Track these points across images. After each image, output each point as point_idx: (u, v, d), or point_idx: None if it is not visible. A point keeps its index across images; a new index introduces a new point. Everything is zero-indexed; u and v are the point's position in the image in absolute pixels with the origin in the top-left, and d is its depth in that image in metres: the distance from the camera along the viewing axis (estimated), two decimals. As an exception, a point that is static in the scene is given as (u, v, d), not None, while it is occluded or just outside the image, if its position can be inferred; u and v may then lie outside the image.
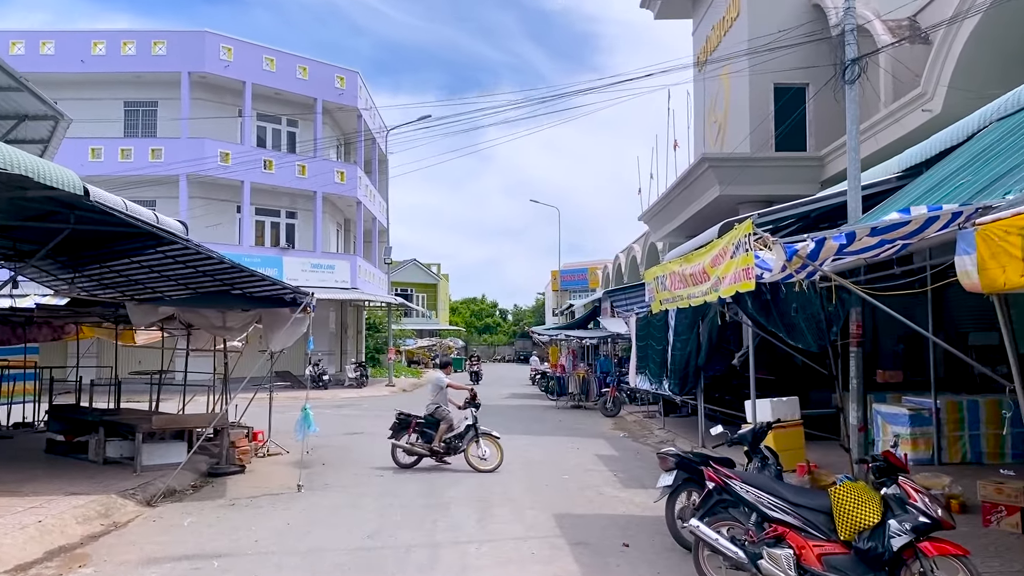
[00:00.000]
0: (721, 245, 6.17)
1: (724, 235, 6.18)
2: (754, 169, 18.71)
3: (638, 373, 18.44)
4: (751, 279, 5.47)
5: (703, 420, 14.08)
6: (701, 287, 6.80)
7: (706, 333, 13.29)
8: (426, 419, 12.30)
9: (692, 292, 7.13)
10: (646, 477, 11.22)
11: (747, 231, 5.49)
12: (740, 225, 5.73)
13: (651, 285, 8.81)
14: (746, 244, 5.51)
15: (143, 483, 10.22)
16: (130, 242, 12.23)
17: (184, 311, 11.94)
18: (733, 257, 5.83)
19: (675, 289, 7.70)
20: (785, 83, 20.68)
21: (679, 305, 7.66)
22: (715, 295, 6.39)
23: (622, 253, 41.05)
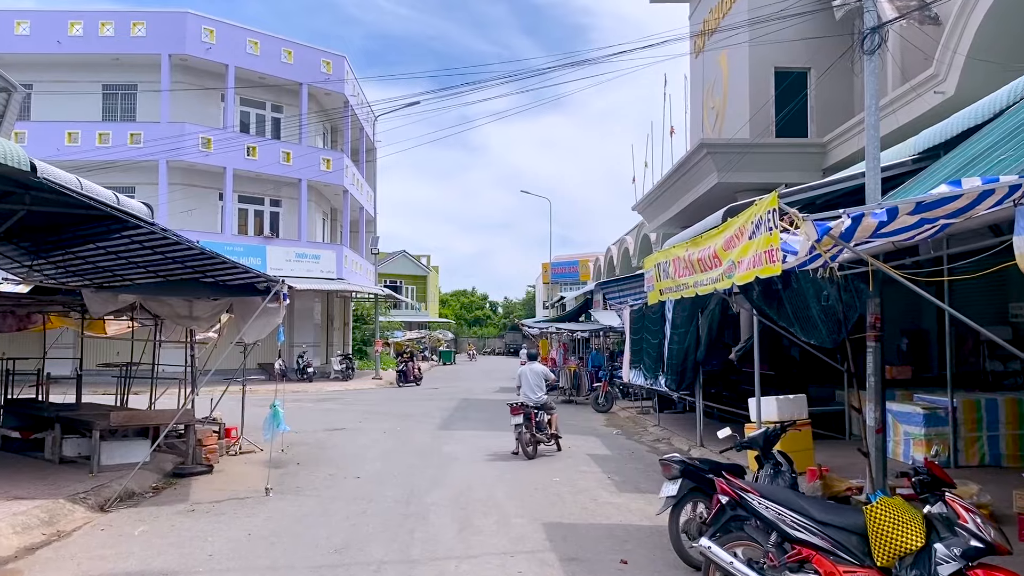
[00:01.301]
0: (737, 224, 5.38)
1: (740, 214, 5.39)
2: (754, 156, 17.94)
3: (632, 367, 17.70)
4: (776, 263, 4.68)
5: (701, 417, 13.34)
6: (711, 273, 6.01)
7: (706, 326, 12.55)
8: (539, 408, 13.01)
9: (700, 280, 6.34)
10: (642, 480, 10.48)
11: (771, 206, 4.70)
12: (761, 200, 4.94)
13: (650, 273, 8.01)
14: (769, 222, 4.72)
15: (98, 485, 9.41)
16: (93, 226, 11.39)
17: (147, 299, 11.10)
18: (752, 238, 5.04)
19: (679, 276, 6.91)
20: (786, 67, 19.93)
21: (684, 295, 6.87)
22: (728, 282, 5.60)
23: (614, 245, 40.33)
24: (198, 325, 11.70)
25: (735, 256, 5.44)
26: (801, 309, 8.43)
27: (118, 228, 11.07)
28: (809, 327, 8.48)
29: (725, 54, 22.16)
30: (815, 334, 8.51)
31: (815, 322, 8.43)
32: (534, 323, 33.25)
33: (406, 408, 20.97)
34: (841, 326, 8.35)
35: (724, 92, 22.09)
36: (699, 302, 12.49)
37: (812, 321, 8.44)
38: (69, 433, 11.17)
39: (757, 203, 5.04)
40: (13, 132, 28.12)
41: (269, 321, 11.74)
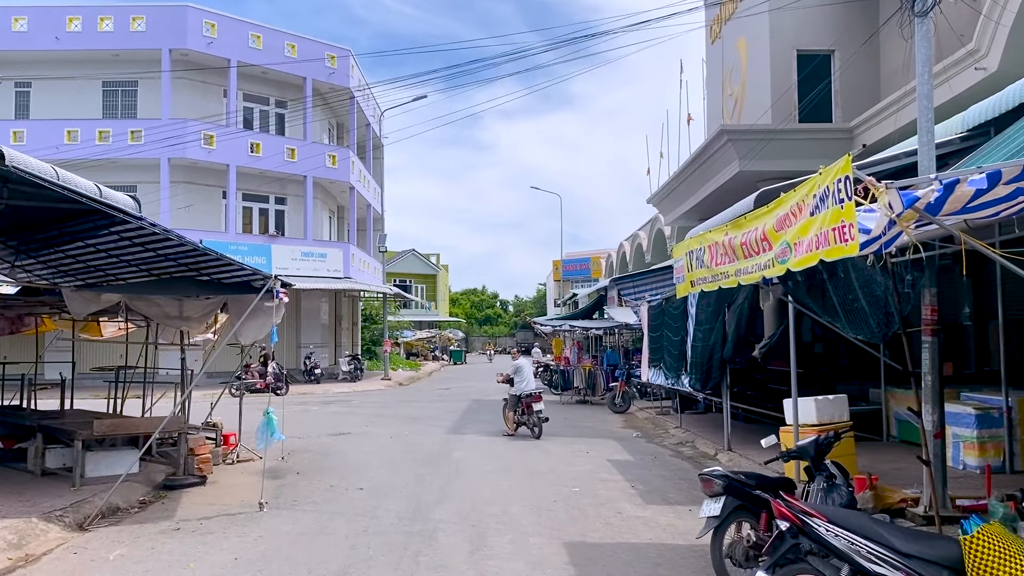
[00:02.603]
0: (793, 200, 4.55)
1: (796, 188, 4.56)
2: (777, 143, 17.06)
3: (651, 366, 16.86)
4: (850, 242, 3.83)
5: (729, 419, 12.48)
6: (758, 259, 5.19)
7: (733, 322, 11.68)
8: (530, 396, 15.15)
9: (744, 267, 5.52)
10: (670, 489, 9.65)
11: (842, 173, 3.87)
12: (827, 169, 4.11)
13: (681, 262, 7.19)
14: (840, 193, 3.89)
15: (79, 501, 8.66)
16: (80, 222, 10.68)
17: (132, 299, 10.35)
18: (815, 214, 4.21)
19: (717, 265, 6.09)
20: (809, 50, 19.06)
21: (723, 285, 6.06)
22: (780, 268, 4.78)
23: (626, 241, 39.44)
24: (189, 326, 10.95)
25: (791, 237, 4.61)
26: (848, 301, 7.57)
27: (105, 224, 10.37)
28: (857, 320, 7.62)
29: (743, 39, 21.28)
30: (863, 328, 7.65)
31: (863, 315, 7.57)
32: (546, 321, 32.38)
33: (415, 410, 20.19)
34: (892, 319, 7.49)
35: (743, 78, 21.20)
36: (725, 296, 11.65)
37: (860, 314, 7.58)
38: (52, 443, 10.43)
39: (822, 171, 4.20)
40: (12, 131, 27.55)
41: (267, 321, 10.98)
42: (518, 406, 15.08)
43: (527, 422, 14.99)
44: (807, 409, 9.60)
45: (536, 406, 14.87)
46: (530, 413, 14.88)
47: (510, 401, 15.29)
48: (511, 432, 15.10)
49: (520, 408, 15.06)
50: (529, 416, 14.91)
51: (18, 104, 29.51)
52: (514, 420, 15.11)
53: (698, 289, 6.78)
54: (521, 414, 15.04)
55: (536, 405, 14.88)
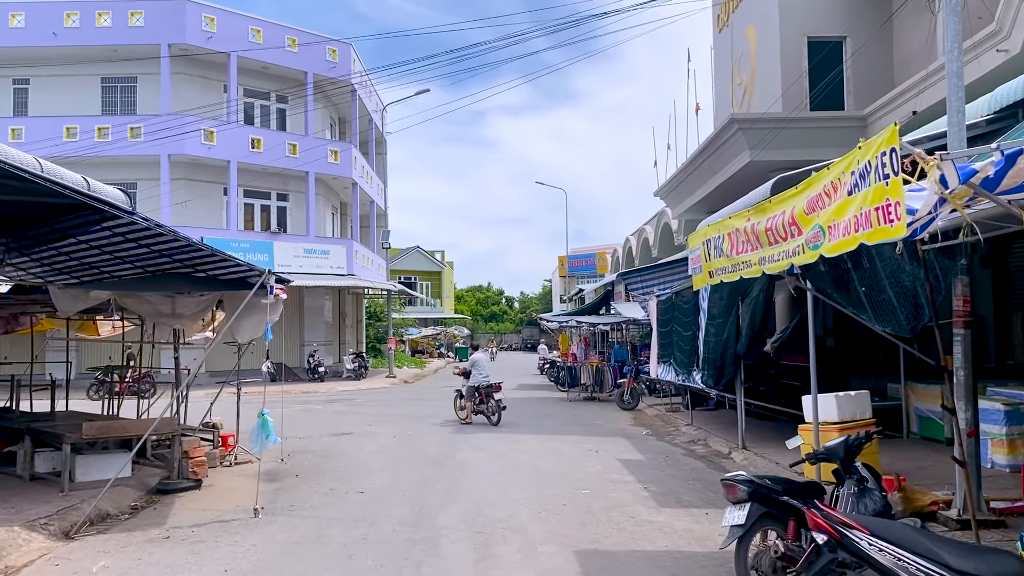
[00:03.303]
0: (828, 179, 4.12)
1: (832, 165, 4.13)
2: (788, 132, 16.60)
3: (661, 362, 16.43)
4: (896, 222, 3.40)
5: (743, 416, 12.05)
6: (785, 245, 4.76)
7: (748, 316, 11.24)
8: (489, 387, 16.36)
9: (769, 255, 5.09)
10: (684, 491, 9.22)
11: (887, 145, 3.44)
12: (870, 141, 3.68)
13: (697, 252, 6.76)
14: (885, 167, 3.46)
15: (66, 507, 8.29)
16: (70, 218, 10.31)
17: (123, 296, 9.95)
18: (853, 193, 3.78)
19: (738, 253, 5.67)
20: (820, 36, 18.59)
21: (744, 275, 5.64)
22: (813, 254, 4.35)
23: (633, 236, 38.96)
24: (182, 324, 10.55)
25: (825, 220, 4.18)
26: (874, 292, 7.15)
27: (97, 220, 10.01)
28: (884, 313, 7.20)
29: (752, 26, 20.82)
30: (890, 321, 7.23)
31: (891, 307, 7.16)
32: (552, 317, 31.93)
33: (420, 409, 19.80)
34: (921, 311, 7.06)
35: (752, 67, 20.73)
36: (739, 289, 11.22)
37: (887, 305, 7.16)
38: (42, 446, 10.05)
39: (862, 144, 3.77)
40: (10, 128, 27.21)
41: (264, 318, 10.61)
42: (476, 396, 16.14)
43: (485, 410, 16.06)
44: (828, 406, 9.17)
45: (496, 395, 16.06)
46: (487, 402, 16.02)
47: (467, 392, 16.29)
48: (467, 421, 16.11)
49: (478, 398, 16.14)
50: (487, 404, 16.02)
51: (16, 101, 29.16)
52: (472, 409, 16.12)
53: (717, 280, 6.35)
54: (479, 403, 16.12)
55: (496, 395, 16.07)
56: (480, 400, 16.17)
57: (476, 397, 16.21)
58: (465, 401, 16.37)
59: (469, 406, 16.20)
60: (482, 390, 16.15)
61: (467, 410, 16.24)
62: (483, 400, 16.16)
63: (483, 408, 16.15)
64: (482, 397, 16.16)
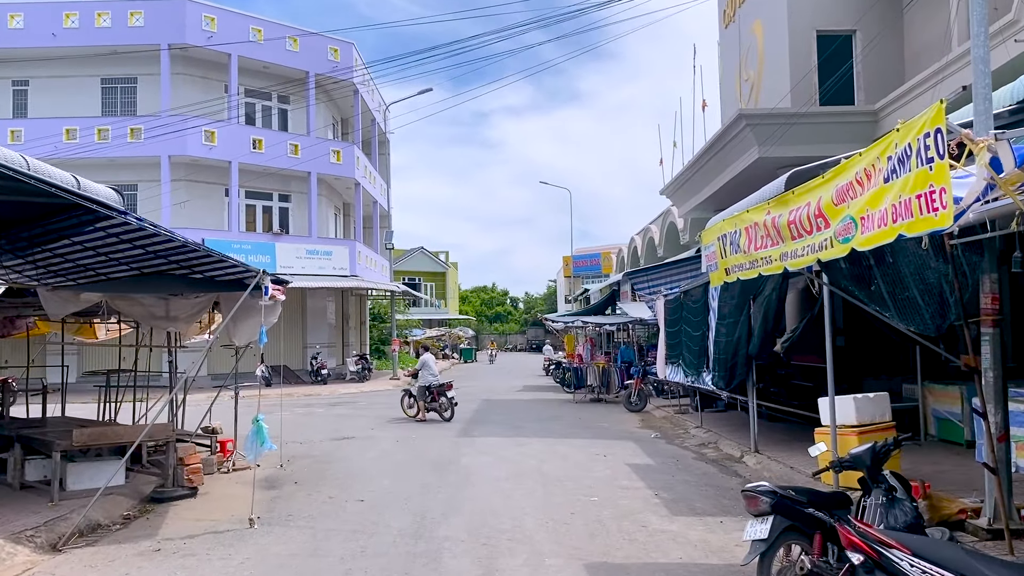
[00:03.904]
0: (859, 165, 3.78)
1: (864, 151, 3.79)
2: (798, 127, 16.24)
3: (668, 363, 16.08)
4: (942, 210, 3.07)
5: (756, 419, 11.69)
6: (812, 239, 4.43)
7: (760, 315, 10.89)
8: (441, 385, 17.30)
9: (791, 250, 4.76)
10: (697, 498, 8.88)
11: (934, 125, 3.11)
12: (910, 122, 3.34)
13: (712, 248, 6.42)
14: (930, 150, 3.12)
15: (55, 518, 7.98)
16: (63, 218, 10.02)
17: (114, 298, 9.66)
18: (891, 180, 3.45)
19: (757, 249, 5.33)
20: (829, 30, 18.23)
21: (764, 271, 5.30)
22: (844, 248, 4.01)
23: (638, 235, 38.59)
24: (176, 327, 10.24)
25: (856, 210, 3.84)
26: (898, 289, 6.79)
27: (90, 220, 9.72)
28: (908, 311, 6.85)
29: (759, 21, 20.46)
30: (915, 319, 6.88)
31: (915, 304, 6.80)
32: (558, 317, 31.56)
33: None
34: (947, 309, 6.71)
35: (759, 62, 20.37)
36: (751, 288, 10.87)
37: (912, 303, 6.81)
38: (32, 454, 9.74)
39: (901, 126, 3.43)
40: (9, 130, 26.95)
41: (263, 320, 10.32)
42: (428, 395, 16.99)
43: (438, 408, 16.98)
44: (846, 409, 8.83)
45: (449, 393, 17.07)
46: (438, 399, 16.96)
47: (419, 392, 17.14)
48: (422, 419, 16.93)
49: (431, 396, 17.00)
50: (439, 402, 16.96)
51: (16, 103, 28.92)
52: (425, 407, 16.99)
53: (734, 277, 6.01)
54: (431, 401, 16.99)
55: (449, 392, 17.09)
56: (432, 398, 17.00)
57: (428, 396, 17.03)
58: (418, 400, 17.18)
59: (421, 405, 17.03)
60: (434, 389, 17.03)
61: (420, 408, 17.08)
62: (435, 398, 17.01)
63: (435, 405, 17.00)
64: (434, 395, 17.02)
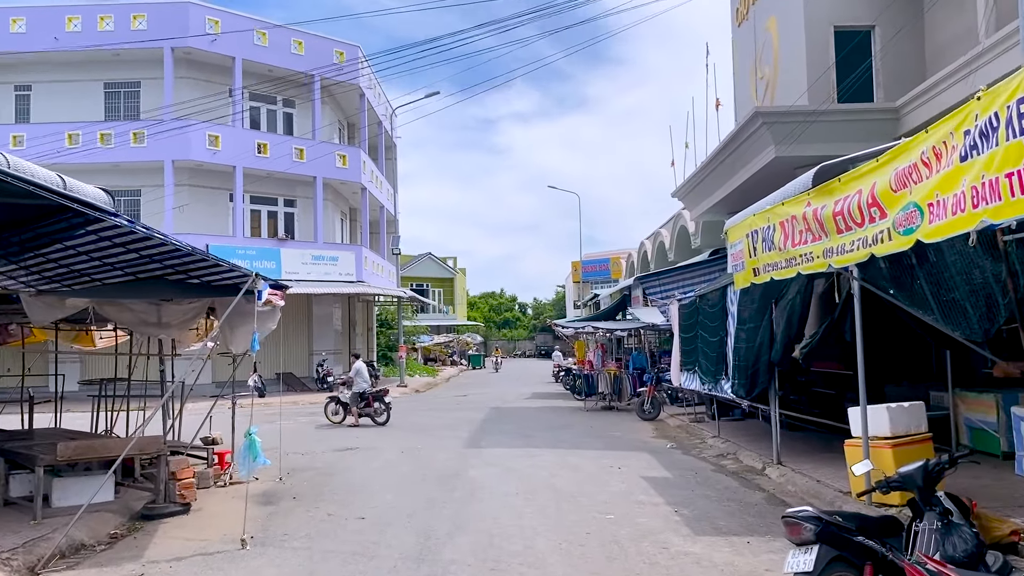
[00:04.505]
0: (926, 143, 3.27)
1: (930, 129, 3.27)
2: (817, 125, 15.69)
3: (684, 370, 15.53)
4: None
5: (778, 429, 11.10)
6: (864, 231, 3.90)
7: (783, 320, 10.30)
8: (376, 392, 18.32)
9: (839, 244, 4.23)
10: (719, 515, 8.32)
11: None
12: (995, 89, 2.83)
13: (740, 246, 5.91)
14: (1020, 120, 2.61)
15: (36, 538, 7.50)
16: (53, 221, 9.57)
17: (102, 304, 9.17)
18: (970, 158, 2.93)
19: (794, 245, 4.80)
20: (847, 26, 17.68)
21: (804, 269, 4.78)
22: (906, 240, 3.50)
23: (647, 240, 38.05)
24: (169, 333, 9.77)
25: (923, 195, 3.32)
26: (942, 290, 6.24)
27: (81, 223, 9.26)
28: (953, 314, 6.29)
29: (774, 18, 19.94)
30: (960, 323, 6.31)
31: (961, 307, 6.24)
32: (567, 323, 31.03)
33: (430, 420, 18.96)
34: (996, 312, 6.14)
35: (775, 60, 19.83)
36: (772, 291, 10.31)
37: (957, 306, 6.25)
38: (17, 468, 9.27)
39: (984, 94, 2.90)
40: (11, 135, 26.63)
41: (261, 327, 9.84)
42: (360, 401, 17.80)
43: (372, 413, 17.74)
44: (879, 419, 8.26)
45: (386, 399, 18.05)
46: (372, 404, 17.78)
47: (352, 399, 17.88)
48: (354, 423, 17.63)
49: (364, 403, 17.82)
50: (374, 407, 17.74)
51: (18, 108, 28.62)
52: (358, 413, 17.68)
53: (766, 277, 5.48)
54: (365, 407, 17.75)
55: (386, 398, 18.07)
56: (367, 404, 17.80)
57: (362, 402, 17.86)
58: (351, 406, 17.93)
59: (355, 410, 17.76)
60: (368, 395, 17.88)
61: (353, 414, 17.84)
62: (369, 404, 17.81)
63: (368, 411, 17.78)
64: (368, 401, 17.85)
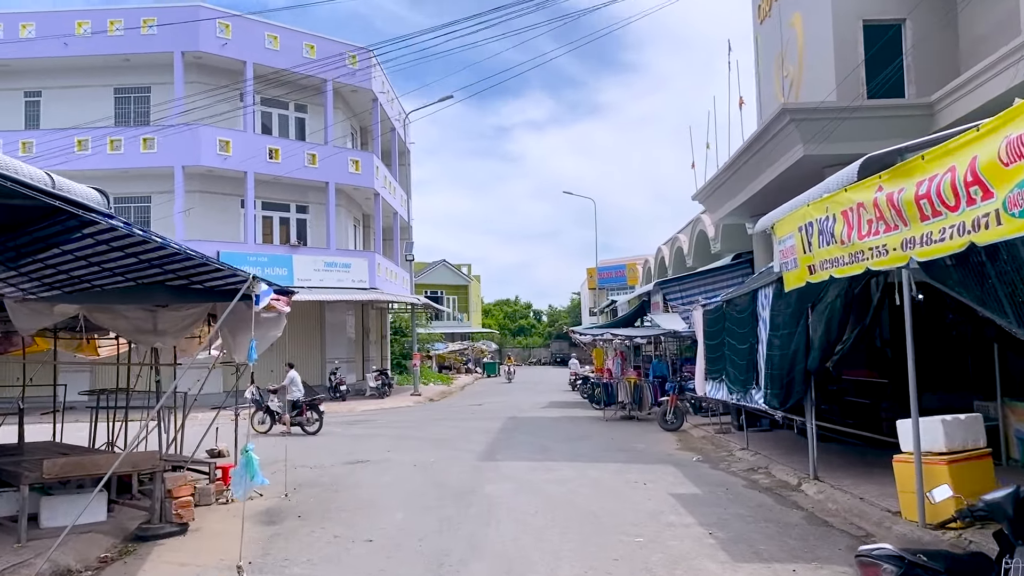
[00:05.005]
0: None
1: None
2: (846, 123, 14.99)
3: (709, 378, 14.83)
4: None
5: (815, 442, 10.38)
6: (958, 216, 3.25)
7: (821, 325, 9.61)
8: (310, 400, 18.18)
9: (922, 234, 3.58)
10: (757, 537, 7.63)
11: None
12: None
13: (789, 242, 5.26)
14: None
15: (19, 563, 6.95)
16: (48, 224, 9.02)
17: (92, 310, 8.65)
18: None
19: (862, 237, 4.16)
20: (876, 20, 16.98)
21: (874, 265, 4.14)
22: (1019, 224, 2.84)
23: (665, 246, 37.32)
24: (165, 342, 9.23)
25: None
26: (1018, 290, 5.55)
27: (75, 225, 8.71)
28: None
29: (799, 14, 19.25)
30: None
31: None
32: (585, 330, 30.33)
33: (445, 431, 18.33)
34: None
35: (799, 57, 19.14)
36: (808, 295, 9.64)
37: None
38: (4, 485, 8.71)
39: None
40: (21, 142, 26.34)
41: (264, 335, 9.31)
42: (294, 411, 17.73)
43: (303, 422, 17.74)
44: (933, 432, 7.56)
45: (321, 407, 18.15)
46: (304, 414, 17.80)
47: (285, 408, 17.76)
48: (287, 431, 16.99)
49: (297, 412, 17.79)
50: (305, 416, 17.78)
51: (28, 114, 28.33)
52: (291, 422, 17.53)
53: (823, 275, 4.82)
54: (297, 415, 17.74)
55: (321, 407, 18.16)
56: (299, 412, 17.79)
57: (295, 411, 17.80)
58: (283, 415, 17.71)
59: (287, 419, 17.45)
60: (302, 403, 17.84)
61: (284, 423, 17.43)
62: (302, 412, 17.83)
63: (300, 420, 17.75)
64: (302, 410, 17.85)
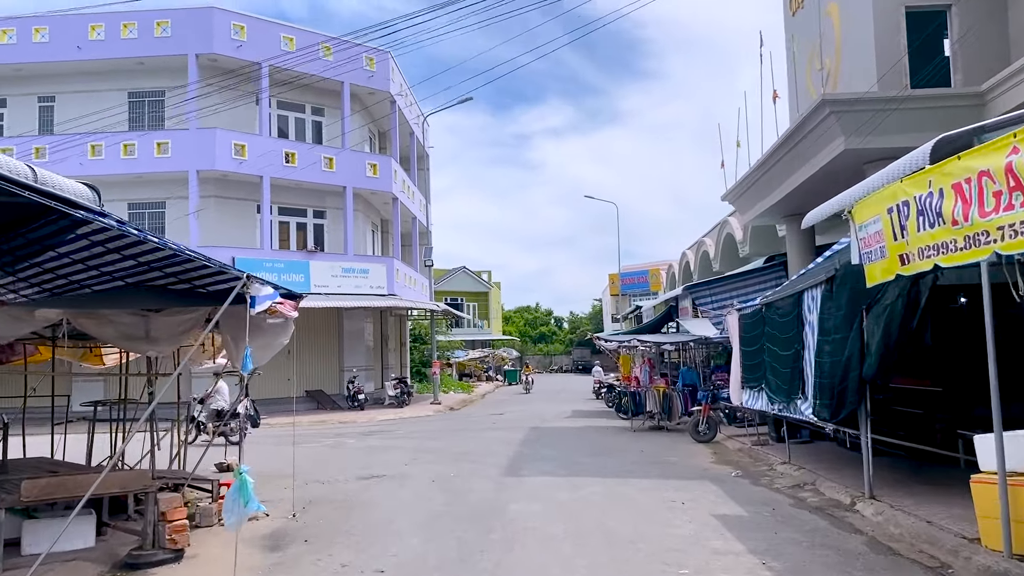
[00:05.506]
0: None
1: None
2: (891, 115, 14.07)
3: (746, 387, 13.92)
4: None
5: (870, 457, 9.43)
6: None
7: (879, 329, 8.67)
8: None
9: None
10: (816, 567, 6.74)
11: None
12: None
13: (873, 227, 4.43)
14: None
15: (-11, 597, 6.19)
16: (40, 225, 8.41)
17: (78, 316, 7.93)
18: None
19: (981, 216, 3.33)
20: (919, 6, 16.07)
21: (1001, 249, 3.29)
22: None
23: (689, 250, 36.46)
24: (158, 349, 8.50)
25: None
26: None
27: (68, 226, 8.07)
28: None
29: (835, 4, 18.36)
30: None
31: None
32: (611, 336, 29.43)
33: (465, 442, 17.51)
34: None
35: (837, 48, 18.22)
36: (862, 295, 8.75)
37: None
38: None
39: None
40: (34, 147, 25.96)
41: (270, 342, 8.59)
42: (217, 419, 17.37)
43: (226, 432, 17.10)
44: (1018, 450, 6.64)
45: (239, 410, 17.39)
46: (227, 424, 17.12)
47: (208, 417, 17.58)
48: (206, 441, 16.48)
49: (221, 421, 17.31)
50: (228, 426, 17.10)
51: (42, 119, 27.97)
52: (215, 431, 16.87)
53: (925, 265, 3.97)
54: (222, 424, 17.10)
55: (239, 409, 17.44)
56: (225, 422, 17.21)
57: (219, 419, 17.36)
58: (207, 424, 17.59)
59: (211, 428, 17.31)
60: (226, 413, 17.15)
61: (208, 432, 17.17)
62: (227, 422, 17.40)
63: (224, 429, 17.14)
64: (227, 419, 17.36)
